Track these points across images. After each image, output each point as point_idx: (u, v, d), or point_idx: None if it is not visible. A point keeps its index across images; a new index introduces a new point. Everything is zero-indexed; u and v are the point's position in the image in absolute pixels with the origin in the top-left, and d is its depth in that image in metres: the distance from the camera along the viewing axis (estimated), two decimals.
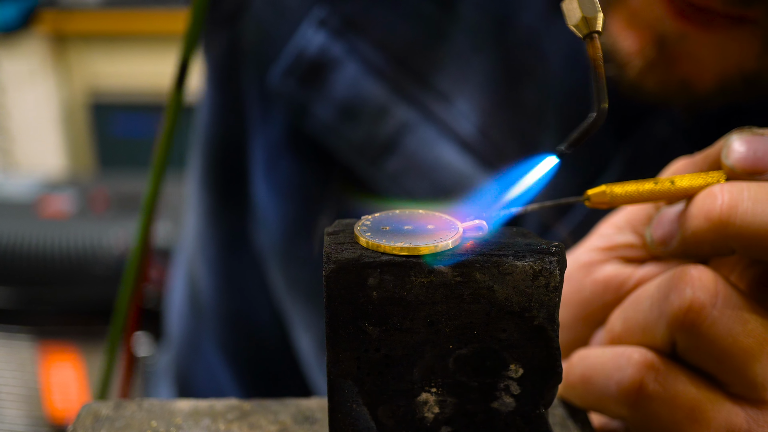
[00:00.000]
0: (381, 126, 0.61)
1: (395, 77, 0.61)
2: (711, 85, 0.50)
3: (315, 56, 0.63)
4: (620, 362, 0.37)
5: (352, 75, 0.62)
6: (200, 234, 0.81)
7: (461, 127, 0.60)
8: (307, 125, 0.64)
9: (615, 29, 0.51)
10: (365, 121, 0.62)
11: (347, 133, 0.63)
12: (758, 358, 0.34)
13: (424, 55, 0.61)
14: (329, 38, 0.63)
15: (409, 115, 0.61)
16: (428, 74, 0.61)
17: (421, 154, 0.61)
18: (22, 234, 1.61)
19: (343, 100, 0.62)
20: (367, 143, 0.62)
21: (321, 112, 0.63)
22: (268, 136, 0.68)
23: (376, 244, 0.30)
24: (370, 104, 0.62)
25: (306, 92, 0.64)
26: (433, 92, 0.61)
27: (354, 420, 0.32)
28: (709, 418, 0.35)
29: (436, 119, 0.61)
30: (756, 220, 0.33)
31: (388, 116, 0.61)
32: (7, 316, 1.60)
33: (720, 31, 0.47)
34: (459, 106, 0.60)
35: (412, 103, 0.61)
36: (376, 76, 0.62)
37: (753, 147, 0.35)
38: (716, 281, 0.35)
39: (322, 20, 0.63)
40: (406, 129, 0.61)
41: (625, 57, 0.51)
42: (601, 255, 0.42)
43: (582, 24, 0.33)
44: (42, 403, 1.66)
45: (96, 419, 0.38)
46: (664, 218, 0.38)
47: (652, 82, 0.51)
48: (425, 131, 0.61)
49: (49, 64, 2.52)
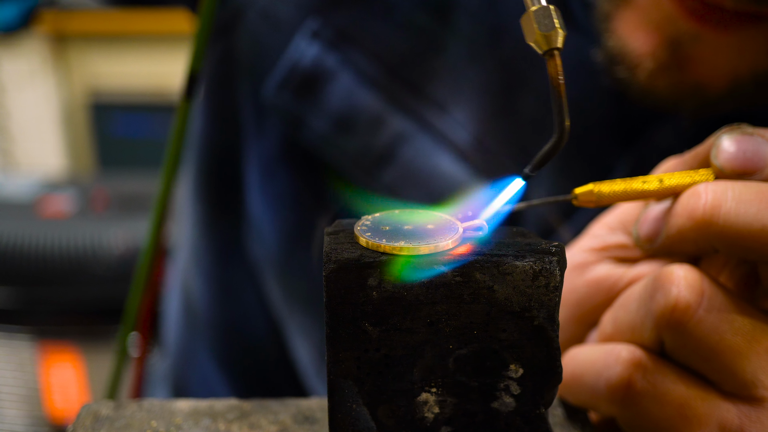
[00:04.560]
0: (376, 136, 0.61)
1: (390, 87, 0.61)
2: (723, 88, 0.50)
3: (309, 68, 0.63)
4: (609, 360, 0.37)
5: (346, 86, 0.62)
6: (194, 245, 0.81)
7: (457, 137, 0.60)
8: (303, 137, 0.64)
9: (624, 30, 0.51)
10: (361, 132, 0.62)
11: (343, 145, 0.63)
12: (746, 356, 0.34)
13: (419, 66, 0.61)
14: (323, 50, 0.63)
15: (405, 125, 0.61)
16: (423, 84, 0.61)
17: (417, 163, 0.61)
18: (22, 234, 1.61)
19: (338, 112, 0.62)
20: (362, 154, 0.62)
21: (316, 123, 0.63)
22: (263, 147, 0.68)
23: (376, 244, 0.30)
24: (365, 115, 0.62)
25: (301, 104, 0.63)
26: (428, 102, 0.61)
27: (354, 420, 0.32)
28: (700, 415, 0.35)
29: (432, 129, 0.61)
30: (739, 220, 0.34)
31: (383, 126, 0.61)
32: (7, 316, 1.60)
33: (734, 31, 0.47)
34: (455, 115, 0.60)
35: (407, 113, 0.61)
36: (370, 86, 0.61)
37: (742, 147, 0.35)
38: (702, 280, 0.35)
39: (315, 32, 0.63)
40: (402, 139, 0.61)
41: (636, 59, 0.51)
42: (594, 256, 0.42)
43: (540, 40, 0.32)
44: (42, 403, 1.66)
45: (96, 419, 0.38)
46: (650, 215, 0.39)
47: (663, 85, 0.51)
48: (421, 141, 0.61)
49: (49, 64, 2.52)
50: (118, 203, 1.75)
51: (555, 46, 0.32)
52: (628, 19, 0.50)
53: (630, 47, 0.51)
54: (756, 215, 0.33)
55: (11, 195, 1.79)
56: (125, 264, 1.59)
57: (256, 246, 0.72)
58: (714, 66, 0.49)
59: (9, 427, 1.67)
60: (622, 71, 0.52)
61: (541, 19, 0.32)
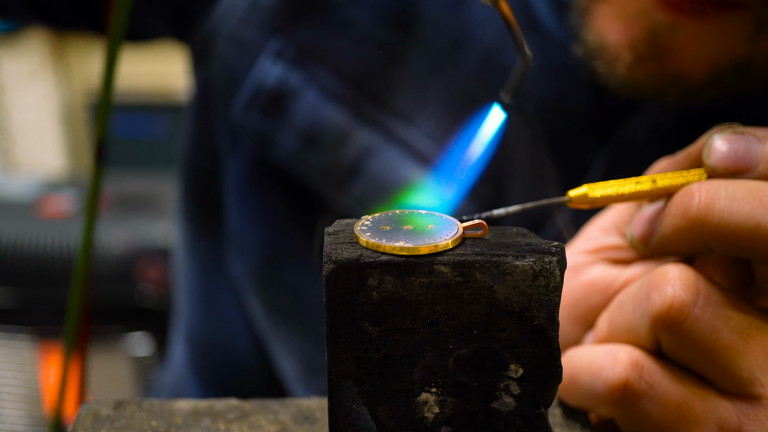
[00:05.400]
0: (343, 151, 0.62)
1: (354, 102, 0.62)
2: (703, 77, 0.50)
3: (274, 87, 0.63)
4: (606, 361, 0.37)
5: (311, 103, 0.62)
6: (180, 264, 0.82)
7: (424, 147, 0.60)
8: (272, 155, 0.65)
9: (602, 24, 0.51)
10: (328, 147, 0.62)
11: (311, 161, 0.63)
12: (743, 354, 0.34)
13: (382, 78, 0.61)
14: (287, 68, 0.63)
15: (371, 138, 0.61)
16: (387, 96, 0.61)
17: (385, 175, 0.61)
18: (22, 234, 1.61)
19: (304, 128, 0.63)
20: (331, 169, 0.62)
21: (284, 141, 0.64)
22: (238, 167, 0.69)
23: (376, 244, 0.30)
24: (330, 130, 0.62)
25: (268, 123, 0.64)
26: (393, 114, 0.61)
27: (354, 420, 0.32)
28: (699, 414, 0.35)
29: (398, 140, 0.61)
30: (733, 219, 0.34)
31: (349, 141, 0.62)
32: (7, 316, 1.60)
33: (710, 19, 0.47)
34: (420, 125, 0.61)
35: (372, 125, 0.61)
36: (335, 102, 0.62)
37: (734, 146, 0.35)
38: (697, 279, 0.35)
39: (278, 51, 0.63)
40: (369, 152, 0.61)
41: (614, 52, 0.51)
42: (588, 257, 0.42)
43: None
44: (42, 403, 1.66)
45: (96, 419, 0.38)
46: (644, 216, 0.39)
47: (643, 77, 0.51)
48: (387, 153, 0.61)
49: (49, 64, 2.52)
50: (118, 203, 1.75)
51: None
52: (605, 12, 0.50)
53: (608, 41, 0.51)
54: (749, 213, 0.33)
55: (11, 195, 1.79)
56: (125, 264, 1.60)
57: (237, 263, 0.72)
58: (693, 55, 0.49)
59: (9, 427, 1.67)
60: (601, 65, 0.52)
61: None
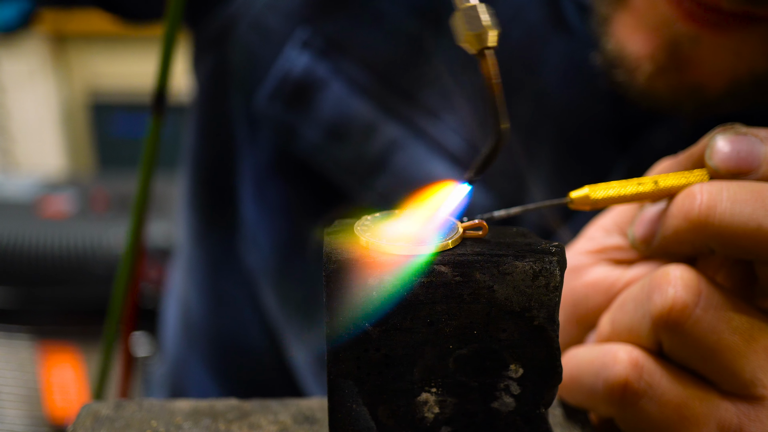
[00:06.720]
0: (369, 144, 0.61)
1: (381, 95, 0.61)
2: (722, 89, 0.50)
3: (300, 78, 0.63)
4: (607, 361, 0.37)
5: (338, 95, 0.62)
6: (189, 255, 0.81)
7: (450, 142, 0.60)
8: (295, 147, 0.64)
9: (622, 33, 0.51)
10: (353, 141, 0.62)
11: (336, 153, 0.62)
12: (744, 355, 0.34)
13: (410, 72, 0.61)
14: (313, 59, 0.62)
15: (398, 132, 0.61)
16: (415, 91, 0.61)
17: (410, 170, 0.60)
18: (22, 234, 1.61)
19: (330, 120, 0.62)
20: (356, 162, 0.62)
21: (308, 133, 0.63)
22: (257, 158, 0.68)
23: (376, 244, 0.30)
24: (357, 123, 0.61)
25: (293, 114, 0.63)
26: (420, 108, 0.61)
27: (354, 420, 0.32)
28: (699, 414, 0.35)
29: (425, 135, 0.60)
30: (734, 220, 0.34)
31: (376, 134, 0.61)
32: (7, 316, 1.60)
33: (732, 32, 0.47)
34: (447, 121, 0.60)
35: (399, 120, 0.61)
36: (362, 94, 0.61)
37: (736, 147, 0.35)
38: (698, 280, 0.35)
39: (305, 42, 0.63)
40: (395, 146, 0.61)
41: (634, 62, 0.51)
42: (590, 258, 0.42)
43: (470, 40, 0.31)
44: (42, 403, 1.66)
45: (96, 419, 0.38)
46: (645, 217, 0.39)
47: (662, 87, 0.51)
48: (414, 148, 0.60)
49: (49, 64, 2.52)
50: (118, 203, 1.75)
51: (486, 45, 0.31)
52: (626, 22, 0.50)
53: (628, 50, 0.51)
54: (751, 215, 0.33)
55: (11, 195, 1.79)
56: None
57: (251, 255, 0.72)
58: (712, 67, 0.49)
59: (9, 427, 1.67)
60: (620, 74, 0.52)
61: (469, 19, 0.31)
